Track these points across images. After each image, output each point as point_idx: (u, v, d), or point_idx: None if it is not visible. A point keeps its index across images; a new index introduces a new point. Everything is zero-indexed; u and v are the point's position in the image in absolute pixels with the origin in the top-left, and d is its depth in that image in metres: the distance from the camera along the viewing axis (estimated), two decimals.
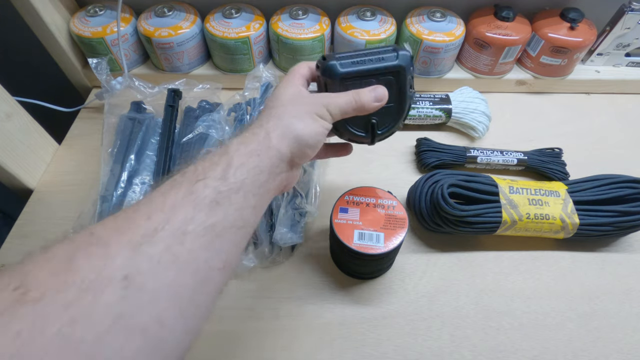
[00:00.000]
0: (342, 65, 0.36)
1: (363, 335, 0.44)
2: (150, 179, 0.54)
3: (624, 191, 0.48)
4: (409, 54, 0.36)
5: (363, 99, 0.35)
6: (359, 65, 0.36)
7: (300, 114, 0.33)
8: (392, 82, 0.37)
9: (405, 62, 0.36)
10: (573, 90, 0.69)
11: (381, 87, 0.36)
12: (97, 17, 0.62)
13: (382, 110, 0.37)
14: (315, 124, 0.33)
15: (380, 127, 0.39)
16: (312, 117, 0.33)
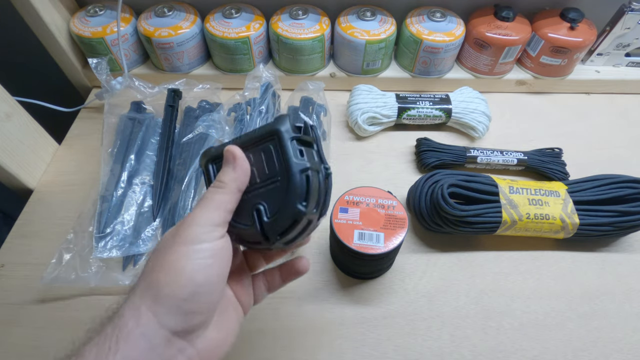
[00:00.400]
0: (217, 148, 0.31)
1: (363, 335, 0.44)
2: (150, 179, 0.54)
3: (624, 191, 0.48)
4: (286, 116, 0.29)
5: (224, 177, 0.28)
6: (233, 142, 0.30)
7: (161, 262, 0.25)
8: (269, 151, 0.29)
9: (282, 124, 0.29)
10: (573, 90, 0.69)
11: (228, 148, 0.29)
12: (97, 17, 0.62)
13: (267, 190, 0.29)
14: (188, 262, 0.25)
15: (270, 212, 0.29)
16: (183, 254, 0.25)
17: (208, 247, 0.26)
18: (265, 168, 0.29)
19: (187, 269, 0.25)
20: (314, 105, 0.58)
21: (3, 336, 0.44)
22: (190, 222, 0.26)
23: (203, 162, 0.32)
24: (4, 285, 0.48)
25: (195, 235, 0.26)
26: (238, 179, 0.28)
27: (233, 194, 0.28)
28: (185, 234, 0.26)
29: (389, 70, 0.67)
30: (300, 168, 0.28)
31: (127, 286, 0.46)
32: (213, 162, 0.32)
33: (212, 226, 0.26)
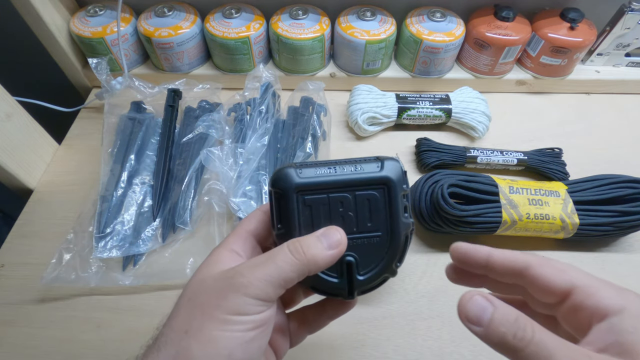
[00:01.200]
0: (300, 173, 0.26)
1: (363, 335, 0.44)
2: (150, 179, 0.54)
3: (624, 191, 0.48)
4: (398, 164, 0.26)
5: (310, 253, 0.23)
6: (326, 174, 0.26)
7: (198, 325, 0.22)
8: (375, 202, 0.26)
9: (395, 174, 0.26)
10: (573, 90, 0.69)
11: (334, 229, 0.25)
12: (97, 17, 0.62)
13: (364, 242, 0.26)
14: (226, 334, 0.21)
15: (363, 268, 0.26)
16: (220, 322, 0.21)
17: (251, 319, 0.22)
18: (367, 218, 0.26)
19: (226, 344, 0.21)
20: (314, 105, 0.58)
21: (3, 336, 0.44)
22: (242, 288, 0.22)
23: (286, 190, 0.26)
24: (4, 285, 0.48)
25: (242, 306, 0.22)
26: (319, 265, 0.24)
27: (303, 274, 0.23)
28: (231, 299, 0.22)
29: (389, 70, 0.67)
30: (406, 229, 0.26)
31: (126, 286, 0.46)
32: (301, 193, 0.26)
33: (264, 301, 0.22)
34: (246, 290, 0.22)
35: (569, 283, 0.21)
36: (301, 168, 0.26)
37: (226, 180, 0.51)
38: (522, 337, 0.19)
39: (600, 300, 0.20)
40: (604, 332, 0.19)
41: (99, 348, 0.43)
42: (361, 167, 0.26)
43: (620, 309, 0.19)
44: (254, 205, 0.50)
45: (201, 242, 0.50)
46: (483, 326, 0.20)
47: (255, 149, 0.53)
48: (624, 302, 0.20)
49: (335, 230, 0.25)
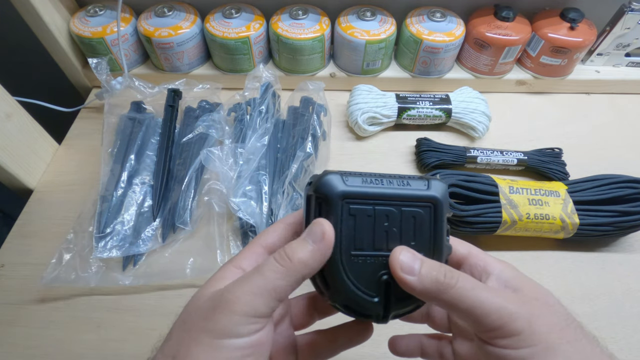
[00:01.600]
0: (347, 180, 0.24)
1: None
2: (150, 179, 0.54)
3: (624, 191, 0.48)
4: (445, 186, 0.25)
5: (297, 257, 0.22)
6: (372, 185, 0.24)
7: (185, 351, 0.20)
8: (421, 220, 0.25)
9: (442, 194, 0.25)
10: (573, 90, 0.69)
11: (317, 222, 0.23)
12: (97, 17, 0.62)
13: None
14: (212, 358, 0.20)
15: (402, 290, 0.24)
16: (208, 348, 0.20)
17: (241, 344, 0.20)
18: (411, 236, 0.25)
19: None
20: (314, 105, 0.58)
21: (3, 336, 0.44)
22: (228, 305, 0.20)
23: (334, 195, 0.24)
24: (4, 285, 0.48)
25: (230, 327, 0.20)
26: (311, 267, 0.22)
27: (296, 281, 0.22)
28: (217, 320, 0.20)
29: (389, 70, 0.67)
30: (447, 254, 0.25)
31: (126, 286, 0.46)
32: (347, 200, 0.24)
33: (255, 317, 0.20)
34: (233, 307, 0.20)
35: (466, 250, 0.26)
36: (347, 176, 0.24)
37: (226, 180, 0.51)
38: (451, 276, 0.22)
39: (487, 263, 0.25)
40: (494, 281, 0.24)
41: (99, 348, 0.43)
42: (408, 182, 0.25)
43: (501, 268, 0.24)
44: (253, 205, 0.50)
45: (201, 242, 0.50)
46: (415, 274, 0.23)
47: (255, 149, 0.53)
48: (503, 265, 0.25)
49: (319, 223, 0.23)
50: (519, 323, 0.20)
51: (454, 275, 0.22)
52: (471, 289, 0.22)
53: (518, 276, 0.24)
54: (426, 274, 0.22)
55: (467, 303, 0.21)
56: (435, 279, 0.22)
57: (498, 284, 0.24)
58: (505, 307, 0.21)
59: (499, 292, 0.22)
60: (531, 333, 0.20)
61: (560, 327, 0.21)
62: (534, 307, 0.22)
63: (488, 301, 0.21)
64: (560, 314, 0.22)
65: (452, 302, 0.22)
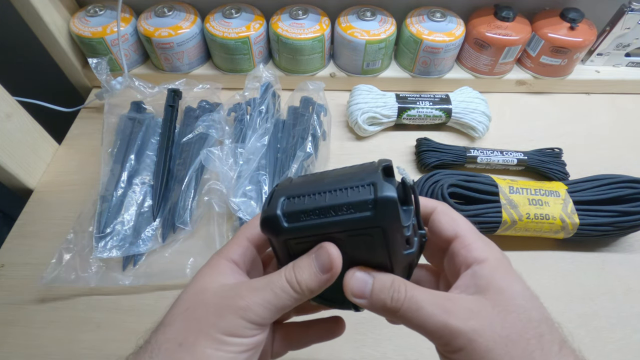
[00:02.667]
0: (288, 216, 0.23)
1: (363, 335, 0.44)
2: (150, 179, 0.54)
3: (624, 191, 0.48)
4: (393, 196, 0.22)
5: (305, 283, 0.23)
6: (314, 217, 0.23)
7: (193, 340, 0.22)
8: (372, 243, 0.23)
9: (388, 214, 0.22)
10: (573, 90, 0.69)
11: (325, 248, 0.23)
12: (97, 17, 0.62)
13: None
14: (219, 354, 0.21)
15: None
16: (215, 341, 0.22)
17: (245, 342, 0.22)
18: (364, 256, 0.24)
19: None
20: (314, 105, 0.58)
21: (3, 336, 0.44)
22: (239, 310, 0.22)
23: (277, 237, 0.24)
24: (4, 285, 0.48)
25: (239, 329, 0.22)
26: (317, 292, 0.24)
27: (301, 302, 0.24)
28: (228, 320, 0.22)
29: (389, 70, 0.67)
30: (408, 260, 0.24)
31: (126, 286, 0.46)
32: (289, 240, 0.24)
33: (260, 325, 0.23)
34: (244, 314, 0.22)
35: (454, 231, 0.25)
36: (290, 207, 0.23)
37: (226, 180, 0.51)
38: (397, 299, 0.23)
39: (470, 252, 0.24)
40: (468, 277, 0.23)
41: (99, 348, 0.43)
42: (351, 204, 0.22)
43: (482, 260, 0.24)
44: (253, 205, 0.50)
45: (201, 242, 0.50)
46: (367, 298, 0.24)
47: (255, 149, 0.53)
48: (487, 254, 0.24)
49: (326, 250, 0.23)
50: (459, 341, 0.21)
51: (399, 297, 0.23)
52: (415, 310, 0.22)
53: (491, 275, 0.23)
54: (375, 298, 0.23)
55: (414, 323, 0.22)
56: (383, 303, 0.23)
57: (470, 281, 0.23)
58: (447, 325, 0.21)
59: (447, 306, 0.22)
60: (472, 349, 0.21)
61: (508, 341, 0.21)
62: (483, 318, 0.21)
63: (432, 320, 0.22)
64: (517, 323, 0.21)
65: (404, 322, 0.23)
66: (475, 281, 0.23)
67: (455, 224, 0.26)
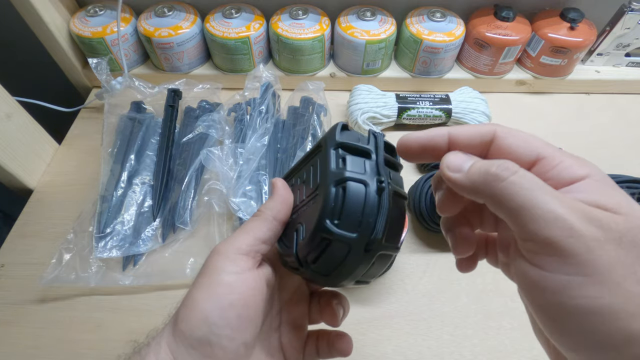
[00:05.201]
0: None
1: (363, 335, 0.44)
2: (150, 179, 0.54)
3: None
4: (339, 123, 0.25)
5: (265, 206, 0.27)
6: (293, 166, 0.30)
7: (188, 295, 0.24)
8: (316, 164, 0.25)
9: (329, 133, 0.25)
10: (573, 90, 0.69)
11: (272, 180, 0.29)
12: (97, 17, 0.62)
13: (309, 206, 0.25)
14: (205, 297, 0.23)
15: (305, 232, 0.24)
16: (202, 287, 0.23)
17: (228, 280, 0.23)
18: (310, 183, 0.25)
19: (202, 305, 0.22)
20: (314, 105, 0.58)
21: (3, 336, 0.44)
22: (216, 251, 0.25)
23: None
24: (4, 285, 0.48)
25: (217, 264, 0.24)
26: (274, 208, 0.26)
27: (267, 221, 0.26)
28: (208, 263, 0.24)
29: (389, 70, 0.67)
30: (335, 178, 0.22)
31: (126, 286, 0.46)
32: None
33: (237, 254, 0.24)
34: (220, 250, 0.24)
35: (534, 153, 0.20)
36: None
37: (226, 180, 0.51)
38: (507, 167, 0.18)
39: (565, 169, 0.19)
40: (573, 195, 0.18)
41: (99, 348, 0.43)
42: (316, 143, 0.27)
43: (584, 176, 0.18)
44: (253, 205, 0.50)
45: (201, 242, 0.50)
46: (463, 172, 0.20)
47: (255, 149, 0.53)
48: (587, 170, 0.19)
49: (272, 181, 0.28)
50: (575, 243, 0.16)
51: (510, 167, 0.18)
52: (528, 188, 0.17)
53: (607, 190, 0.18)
54: (476, 169, 0.19)
55: (517, 201, 0.17)
56: (485, 170, 0.18)
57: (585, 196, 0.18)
58: (564, 218, 0.16)
59: (569, 201, 0.17)
60: (587, 259, 0.16)
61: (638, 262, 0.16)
62: (610, 229, 0.16)
63: (544, 206, 0.17)
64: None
65: (500, 198, 0.18)
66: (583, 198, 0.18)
67: (531, 144, 0.20)
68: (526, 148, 0.20)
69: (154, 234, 0.50)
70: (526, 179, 0.18)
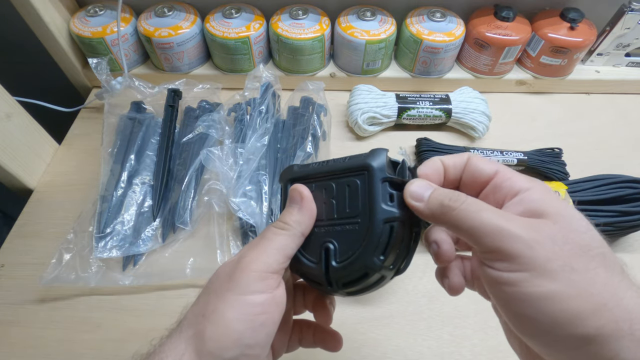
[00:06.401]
0: (300, 167, 0.29)
1: (363, 335, 0.44)
2: (150, 179, 0.54)
3: (624, 191, 0.48)
4: (384, 152, 0.26)
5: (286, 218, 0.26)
6: (316, 168, 0.28)
7: (212, 308, 0.23)
8: (355, 187, 0.26)
9: (377, 160, 0.25)
10: (573, 90, 0.69)
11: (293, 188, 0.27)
12: (97, 17, 0.62)
13: (343, 228, 0.26)
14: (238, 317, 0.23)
15: (341, 256, 0.25)
16: (231, 305, 0.23)
17: (261, 300, 0.23)
18: (346, 204, 0.26)
19: (236, 326, 0.23)
20: (314, 105, 0.58)
21: (3, 336, 0.44)
22: (246, 266, 0.24)
23: (283, 182, 0.29)
24: (4, 285, 0.48)
25: (249, 282, 0.23)
26: (303, 223, 0.26)
27: (296, 237, 0.26)
28: (238, 279, 0.24)
29: (389, 70, 0.67)
30: (386, 217, 0.24)
31: (126, 286, 0.46)
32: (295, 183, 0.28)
33: (268, 273, 0.24)
34: (250, 266, 0.24)
35: (494, 169, 0.25)
36: (302, 166, 0.29)
37: (226, 180, 0.51)
38: (457, 199, 0.22)
39: (514, 182, 0.23)
40: (516, 204, 0.23)
41: (99, 348, 0.43)
42: (350, 158, 0.27)
43: (529, 187, 0.23)
44: (253, 205, 0.50)
45: (201, 242, 0.50)
46: (424, 201, 0.24)
47: (255, 149, 0.53)
48: (532, 183, 0.23)
49: (293, 188, 0.27)
50: (517, 246, 0.20)
51: (459, 199, 0.22)
52: (474, 212, 0.21)
53: (543, 198, 0.22)
54: (433, 199, 0.23)
55: (468, 224, 0.21)
56: (440, 202, 0.23)
57: (520, 206, 0.22)
58: (505, 229, 0.20)
59: (507, 216, 0.21)
60: (530, 257, 0.20)
61: (570, 254, 0.20)
62: (543, 232, 0.20)
63: (489, 222, 0.21)
64: (580, 240, 0.21)
65: (455, 224, 0.22)
66: (525, 206, 0.22)
67: (493, 163, 0.25)
68: (488, 165, 0.25)
69: (154, 234, 0.50)
70: (472, 204, 0.22)
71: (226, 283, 0.24)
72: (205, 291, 0.25)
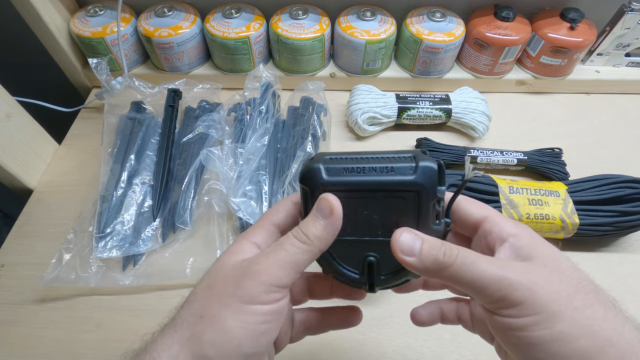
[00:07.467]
0: (329, 171, 0.25)
1: (363, 335, 0.44)
2: (150, 179, 0.54)
3: (624, 191, 0.48)
4: (433, 168, 0.24)
5: (311, 233, 0.24)
6: (354, 173, 0.24)
7: (214, 312, 0.22)
8: (404, 208, 0.24)
9: (428, 179, 0.24)
10: (573, 90, 0.69)
11: (324, 198, 0.24)
12: (97, 17, 0.62)
13: (385, 240, 0.25)
14: (239, 325, 0.22)
15: (385, 269, 0.26)
16: (235, 311, 0.22)
17: (265, 310, 0.23)
18: (394, 223, 0.25)
19: (237, 334, 0.22)
20: (314, 105, 0.58)
21: (3, 336, 0.44)
22: (256, 275, 0.23)
23: (311, 184, 0.25)
24: (4, 285, 0.48)
25: (256, 293, 0.22)
26: (324, 241, 0.24)
27: (313, 254, 0.24)
28: (245, 286, 0.22)
29: (389, 70, 0.67)
30: (438, 236, 0.25)
31: (126, 286, 0.46)
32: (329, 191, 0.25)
33: (277, 287, 0.23)
34: (260, 277, 0.23)
35: (482, 214, 0.26)
36: (329, 164, 0.25)
37: (226, 180, 0.51)
38: (450, 254, 0.22)
39: (503, 228, 0.25)
40: (507, 250, 0.24)
41: (99, 348, 0.43)
42: (393, 167, 0.24)
43: (517, 233, 0.24)
44: (253, 205, 0.50)
45: (201, 242, 0.50)
46: (415, 255, 0.23)
47: (255, 149, 0.53)
48: (520, 229, 0.24)
49: (326, 199, 0.24)
50: (520, 293, 0.21)
51: (452, 253, 0.22)
52: (470, 264, 0.22)
53: (531, 243, 0.24)
54: (426, 254, 0.23)
55: (467, 278, 0.22)
56: (435, 258, 0.22)
57: (510, 252, 0.23)
58: (505, 278, 0.21)
59: (501, 263, 0.22)
60: (533, 302, 0.20)
61: (568, 294, 0.21)
62: (539, 275, 0.21)
63: (487, 274, 0.21)
64: (571, 280, 0.22)
65: (453, 278, 0.22)
66: (515, 251, 0.23)
67: (482, 208, 0.26)
68: (478, 208, 0.26)
69: (154, 234, 0.50)
70: (467, 257, 0.22)
71: (232, 287, 0.23)
72: (206, 290, 0.24)
